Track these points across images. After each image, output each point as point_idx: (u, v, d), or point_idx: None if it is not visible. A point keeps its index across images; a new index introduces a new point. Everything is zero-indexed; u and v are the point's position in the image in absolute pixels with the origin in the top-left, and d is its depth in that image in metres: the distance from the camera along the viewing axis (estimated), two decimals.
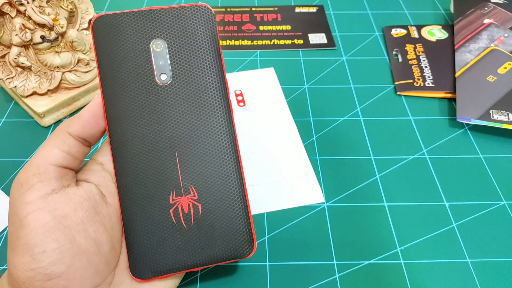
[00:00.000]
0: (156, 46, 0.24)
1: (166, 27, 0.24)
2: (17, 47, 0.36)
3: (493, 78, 0.42)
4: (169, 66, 0.24)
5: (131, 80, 0.23)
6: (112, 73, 0.23)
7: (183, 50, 0.24)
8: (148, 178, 0.23)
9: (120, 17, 0.24)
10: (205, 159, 0.23)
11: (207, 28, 0.24)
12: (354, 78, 0.45)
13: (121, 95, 0.23)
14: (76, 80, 0.40)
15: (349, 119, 0.41)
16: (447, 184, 0.35)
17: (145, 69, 0.23)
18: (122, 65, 0.23)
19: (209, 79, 0.24)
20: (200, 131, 0.24)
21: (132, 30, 0.23)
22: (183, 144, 0.23)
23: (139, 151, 0.23)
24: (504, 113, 0.39)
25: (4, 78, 0.37)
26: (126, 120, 0.23)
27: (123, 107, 0.23)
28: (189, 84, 0.24)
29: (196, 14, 0.24)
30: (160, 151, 0.23)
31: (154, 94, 0.23)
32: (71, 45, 0.39)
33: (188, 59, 0.24)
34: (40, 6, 0.36)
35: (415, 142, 0.39)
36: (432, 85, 0.43)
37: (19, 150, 0.38)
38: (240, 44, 0.50)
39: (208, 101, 0.24)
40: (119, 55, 0.23)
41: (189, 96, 0.24)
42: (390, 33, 0.51)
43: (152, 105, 0.23)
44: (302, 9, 0.55)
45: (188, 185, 0.23)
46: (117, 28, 0.23)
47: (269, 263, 0.30)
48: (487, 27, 0.47)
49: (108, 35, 0.23)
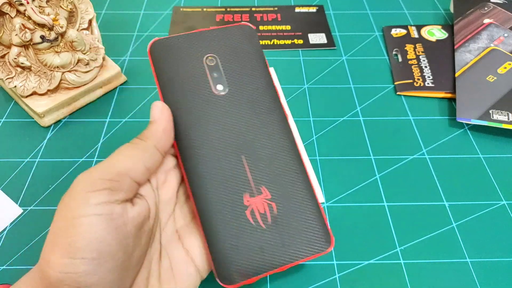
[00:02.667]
0: (209, 60, 0.26)
1: (215, 44, 0.26)
2: (17, 47, 0.36)
3: (493, 78, 0.42)
4: (223, 77, 0.26)
5: (191, 93, 0.25)
6: (172, 89, 0.25)
7: (233, 62, 0.26)
8: (221, 183, 0.24)
9: (173, 40, 0.26)
10: (271, 159, 0.24)
11: (251, 42, 0.27)
12: (354, 78, 0.45)
13: (184, 108, 0.25)
14: (76, 80, 0.40)
15: (349, 119, 0.41)
16: (447, 184, 0.35)
17: (202, 82, 0.25)
18: (180, 81, 0.25)
19: (260, 84, 0.26)
20: (261, 133, 0.25)
21: (185, 49, 0.26)
22: (248, 147, 0.24)
23: (208, 159, 0.24)
24: (504, 113, 0.39)
25: (4, 78, 0.37)
26: (192, 130, 0.24)
27: (187, 118, 0.25)
28: (244, 91, 0.26)
29: (240, 31, 0.27)
30: (228, 156, 0.24)
31: (214, 104, 0.25)
32: (71, 45, 0.39)
33: (239, 69, 0.26)
34: (40, 6, 0.36)
35: (415, 142, 0.39)
36: (432, 85, 0.43)
37: (18, 150, 0.38)
38: None
39: (263, 105, 0.25)
40: (176, 72, 0.25)
41: (245, 102, 0.25)
42: (390, 33, 0.51)
43: (213, 113, 0.25)
44: (302, 9, 0.55)
45: (259, 185, 0.24)
46: (172, 49, 0.26)
47: None
48: (487, 27, 0.47)
49: (164, 56, 0.26)
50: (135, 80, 0.45)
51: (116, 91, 0.43)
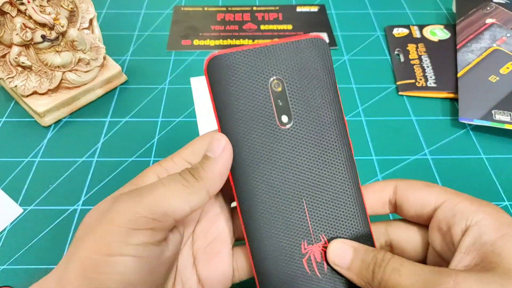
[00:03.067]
0: (274, 85, 0.22)
1: (282, 64, 0.22)
2: (17, 47, 0.36)
3: (496, 78, 0.42)
4: (289, 106, 0.22)
5: (251, 123, 0.22)
6: (231, 116, 0.22)
7: (301, 88, 0.23)
8: (279, 229, 0.22)
9: (234, 56, 0.22)
10: (333, 206, 0.22)
11: (323, 62, 0.23)
12: (356, 78, 0.45)
13: (242, 140, 0.22)
14: (77, 79, 0.40)
15: (350, 119, 0.41)
16: (449, 185, 0.35)
17: (265, 111, 0.22)
18: (240, 108, 0.22)
19: (329, 118, 0.23)
20: (325, 176, 0.23)
21: (248, 69, 0.22)
22: (310, 191, 0.22)
23: (267, 200, 0.22)
24: (506, 113, 0.39)
25: (5, 78, 0.37)
26: (250, 167, 0.22)
27: (245, 152, 0.22)
28: (310, 125, 0.22)
29: (311, 47, 0.23)
30: (288, 199, 0.22)
31: (277, 138, 0.22)
32: (72, 44, 0.39)
33: (307, 97, 0.23)
34: (41, 5, 0.36)
35: (417, 142, 0.39)
36: (434, 85, 0.43)
37: (19, 150, 0.37)
38: (241, 44, 0.49)
39: (330, 143, 0.23)
40: (236, 96, 0.22)
41: (311, 139, 0.22)
42: (392, 33, 0.50)
43: (276, 149, 0.22)
44: (304, 8, 0.55)
45: (319, 233, 0.22)
46: (232, 68, 0.22)
47: None
48: (490, 27, 0.47)
49: (223, 75, 0.22)
50: (135, 80, 0.44)
51: (116, 90, 0.43)
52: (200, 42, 0.49)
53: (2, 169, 0.36)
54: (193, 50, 0.48)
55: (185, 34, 0.51)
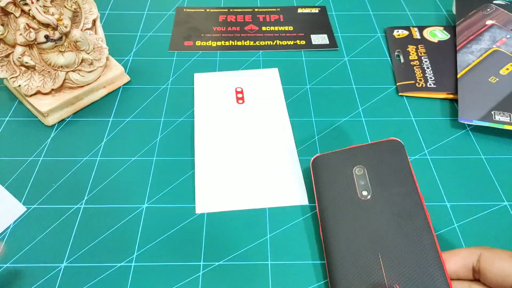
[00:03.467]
0: (357, 170, 0.30)
1: (365, 157, 0.31)
2: (21, 47, 0.37)
3: (495, 79, 0.42)
4: (368, 185, 0.30)
5: (341, 197, 0.30)
6: (326, 193, 0.30)
7: (379, 171, 0.30)
8: (357, 277, 0.26)
9: (330, 155, 0.32)
10: (407, 259, 0.26)
11: (397, 154, 0.30)
12: (356, 78, 0.45)
13: (333, 208, 0.29)
14: (80, 79, 0.40)
15: (351, 119, 0.41)
16: (449, 185, 0.36)
17: (350, 188, 0.30)
18: (333, 186, 0.30)
19: (402, 191, 0.29)
20: (398, 234, 0.27)
21: (339, 162, 0.31)
22: (384, 246, 0.27)
23: (349, 254, 0.27)
24: (506, 114, 0.39)
25: (8, 77, 0.38)
26: (337, 227, 0.28)
27: (334, 217, 0.29)
28: (386, 197, 0.29)
29: (389, 145, 0.31)
30: (365, 252, 0.27)
31: (358, 207, 0.29)
32: (75, 44, 0.39)
33: (383, 177, 0.30)
34: (44, 6, 0.37)
35: (416, 142, 0.39)
36: (434, 86, 0.43)
37: (23, 149, 0.38)
38: (242, 45, 0.50)
39: (404, 209, 0.28)
40: (330, 180, 0.31)
41: (387, 207, 0.28)
42: (392, 34, 0.51)
43: (357, 215, 0.28)
44: (305, 10, 0.56)
45: (393, 283, 0.25)
46: (329, 162, 0.32)
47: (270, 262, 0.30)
48: (489, 28, 0.47)
49: (322, 168, 0.32)
50: (138, 80, 0.45)
51: (119, 90, 0.44)
52: (202, 43, 0.50)
53: (6, 168, 0.36)
54: (195, 50, 0.49)
55: (187, 35, 0.51)
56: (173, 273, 0.30)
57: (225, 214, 0.33)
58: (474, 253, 0.25)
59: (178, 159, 0.37)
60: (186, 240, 0.32)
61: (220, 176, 0.35)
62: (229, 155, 0.37)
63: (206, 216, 0.33)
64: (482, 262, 0.24)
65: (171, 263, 0.30)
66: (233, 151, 0.37)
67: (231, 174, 0.36)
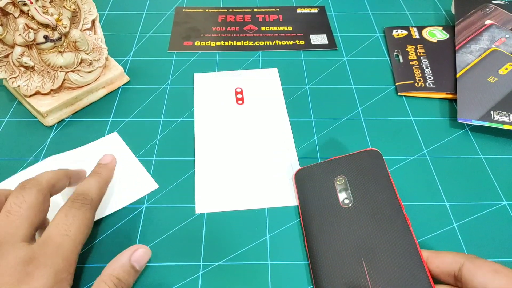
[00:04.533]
0: (338, 180, 0.32)
1: (345, 167, 0.32)
2: (20, 47, 0.37)
3: (494, 79, 0.42)
4: (350, 193, 0.31)
5: (323, 206, 0.31)
6: (309, 203, 0.32)
7: (359, 179, 0.31)
8: (342, 281, 0.27)
9: (312, 167, 0.34)
10: (389, 263, 0.27)
11: (376, 162, 0.32)
12: (355, 78, 0.45)
13: (316, 217, 0.30)
14: (79, 80, 0.40)
15: (350, 119, 0.41)
16: (448, 185, 0.36)
17: (332, 197, 0.31)
18: (315, 197, 0.32)
19: (382, 197, 0.30)
20: (380, 238, 0.28)
21: (321, 173, 0.33)
22: (367, 251, 0.27)
23: (333, 260, 0.28)
24: (505, 114, 0.39)
25: (8, 78, 0.38)
26: (320, 235, 0.29)
27: (318, 225, 0.30)
28: (366, 203, 0.30)
29: (368, 156, 0.32)
30: (349, 258, 0.28)
31: (340, 214, 0.30)
32: (74, 45, 0.39)
33: (363, 185, 0.31)
34: (43, 6, 0.37)
35: (416, 142, 0.39)
36: (433, 85, 0.44)
37: (22, 149, 0.38)
38: (242, 45, 0.50)
39: (384, 214, 0.29)
40: (313, 191, 0.32)
41: (368, 213, 0.29)
42: (391, 34, 0.51)
43: (340, 222, 0.29)
44: (304, 10, 0.56)
45: (377, 286, 0.26)
46: (310, 174, 0.33)
47: (270, 262, 0.30)
48: (488, 28, 0.47)
49: (304, 179, 0.33)
50: (137, 80, 0.45)
51: (118, 91, 0.44)
52: (202, 43, 0.50)
53: (5, 169, 0.36)
54: (194, 51, 0.49)
55: (187, 35, 0.51)
56: (173, 273, 0.30)
57: (225, 214, 0.33)
58: (458, 261, 0.25)
59: (178, 159, 0.37)
60: (186, 240, 0.32)
61: (220, 177, 0.36)
62: (229, 156, 0.37)
63: (206, 216, 0.33)
64: (464, 273, 0.24)
65: (171, 263, 0.30)
66: (233, 152, 0.37)
67: (230, 174, 0.36)
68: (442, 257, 0.26)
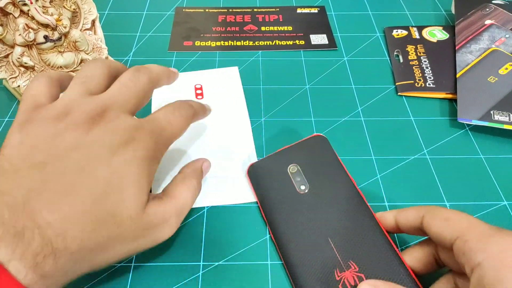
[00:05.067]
0: (291, 169, 0.33)
1: (296, 155, 0.34)
2: (20, 47, 0.37)
3: (494, 79, 0.42)
4: (304, 179, 0.32)
5: (281, 195, 0.32)
6: (267, 195, 0.32)
7: (310, 166, 0.33)
8: (314, 263, 0.28)
9: (263, 161, 0.34)
10: (353, 237, 0.28)
11: (323, 147, 0.34)
12: (355, 78, 0.45)
13: (276, 208, 0.31)
14: None
15: (350, 119, 0.41)
16: (448, 185, 0.36)
17: (288, 186, 0.32)
18: (272, 188, 0.32)
19: (335, 179, 0.32)
20: (341, 217, 0.30)
21: (273, 165, 0.34)
22: (331, 230, 0.29)
23: (301, 245, 0.29)
24: (505, 113, 0.39)
25: (8, 78, 0.38)
26: (284, 223, 0.30)
27: (280, 215, 0.31)
28: (322, 187, 0.32)
29: (315, 142, 0.35)
30: (316, 240, 0.29)
31: (299, 201, 0.31)
32: (74, 45, 0.39)
33: (316, 170, 0.33)
34: (43, 6, 0.37)
35: (416, 142, 0.39)
36: (433, 85, 0.44)
37: None
38: (242, 45, 0.50)
39: (340, 195, 0.31)
40: (268, 182, 0.33)
41: (325, 195, 0.31)
42: (391, 34, 0.51)
43: (300, 209, 0.31)
44: (304, 10, 0.56)
45: (347, 260, 0.28)
46: (263, 167, 0.34)
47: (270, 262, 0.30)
48: (488, 28, 0.47)
49: (258, 174, 0.34)
50: None
51: None
52: (202, 43, 0.50)
53: None
54: (194, 51, 0.49)
55: (187, 35, 0.51)
56: (173, 273, 0.30)
57: (225, 214, 0.33)
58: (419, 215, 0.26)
59: None
60: (186, 240, 0.32)
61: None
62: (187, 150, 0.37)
63: (205, 216, 0.33)
64: (424, 225, 0.25)
65: (171, 263, 0.30)
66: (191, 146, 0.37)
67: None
68: (406, 213, 0.27)
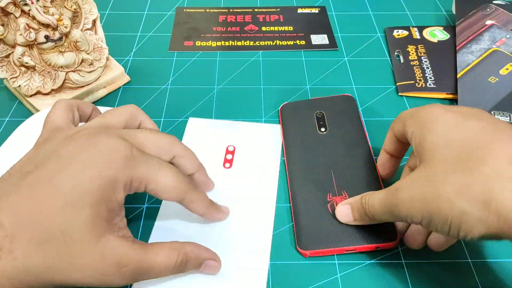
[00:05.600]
0: (318, 114, 0.39)
1: (324, 105, 0.40)
2: (21, 47, 0.37)
3: (495, 79, 0.42)
4: (326, 123, 0.38)
5: (303, 132, 0.38)
6: (292, 130, 0.38)
7: (334, 116, 0.39)
8: (313, 185, 0.34)
9: (296, 103, 0.41)
10: (352, 174, 0.34)
11: (350, 105, 0.40)
12: (356, 79, 0.45)
13: (296, 139, 0.37)
14: (80, 80, 0.40)
15: None
16: None
17: (311, 126, 0.38)
18: (297, 125, 0.38)
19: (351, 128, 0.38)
20: (347, 157, 0.35)
21: (303, 108, 0.40)
22: (336, 165, 0.35)
23: (308, 170, 0.35)
24: (505, 114, 0.39)
25: (8, 78, 0.38)
26: (300, 154, 0.36)
27: (298, 147, 0.37)
28: (339, 132, 0.37)
29: (343, 99, 0.40)
30: (320, 170, 0.35)
31: (317, 139, 0.37)
32: (75, 45, 0.39)
33: (337, 119, 0.38)
34: (44, 6, 0.37)
35: None
36: (434, 86, 0.44)
37: None
38: (242, 45, 0.50)
39: (352, 141, 0.37)
40: (296, 120, 0.39)
41: (339, 138, 0.37)
42: (392, 34, 0.51)
43: (316, 146, 0.36)
44: (304, 10, 0.56)
45: (341, 189, 0.33)
46: (294, 109, 0.40)
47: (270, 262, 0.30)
48: (489, 28, 0.47)
49: (289, 113, 0.40)
50: (138, 80, 0.45)
51: (119, 91, 0.44)
52: (202, 43, 0.50)
53: None
54: (195, 51, 0.49)
55: (187, 35, 0.51)
56: None
57: None
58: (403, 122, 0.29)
59: None
60: None
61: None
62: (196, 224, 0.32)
63: None
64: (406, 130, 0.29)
65: None
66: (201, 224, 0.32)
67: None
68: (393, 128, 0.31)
